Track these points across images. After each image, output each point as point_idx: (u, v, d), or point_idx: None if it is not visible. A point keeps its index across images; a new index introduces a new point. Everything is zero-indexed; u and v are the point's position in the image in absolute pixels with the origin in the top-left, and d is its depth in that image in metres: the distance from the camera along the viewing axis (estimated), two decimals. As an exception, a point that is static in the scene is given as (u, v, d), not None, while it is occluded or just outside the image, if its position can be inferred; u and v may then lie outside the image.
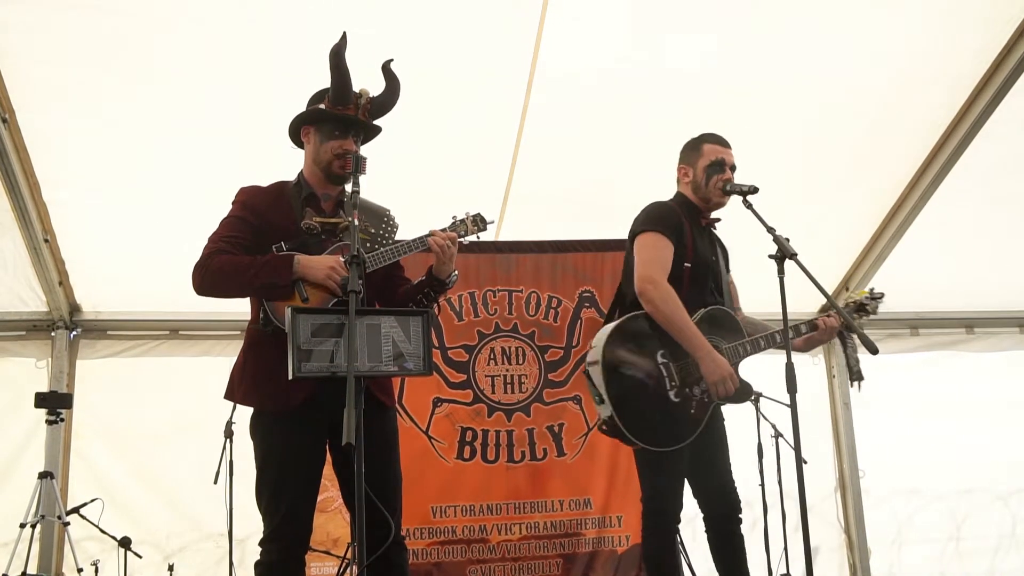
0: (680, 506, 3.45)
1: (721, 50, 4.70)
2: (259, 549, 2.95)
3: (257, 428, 3.04)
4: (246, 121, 4.64)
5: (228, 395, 3.12)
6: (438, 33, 4.44)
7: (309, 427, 2.92)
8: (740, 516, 3.59)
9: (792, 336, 3.54)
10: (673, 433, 3.41)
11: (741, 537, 3.57)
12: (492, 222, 3.27)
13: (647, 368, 3.44)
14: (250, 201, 3.13)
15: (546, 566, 5.21)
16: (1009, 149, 5.29)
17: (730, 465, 3.65)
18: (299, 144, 3.22)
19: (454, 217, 3.20)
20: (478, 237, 3.25)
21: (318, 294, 2.95)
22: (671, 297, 3.43)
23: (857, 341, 3.46)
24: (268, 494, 2.95)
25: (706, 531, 3.58)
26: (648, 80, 4.80)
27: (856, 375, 3.90)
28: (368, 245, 3.03)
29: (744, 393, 3.57)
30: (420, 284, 3.16)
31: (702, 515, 3.61)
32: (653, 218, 3.59)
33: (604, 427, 3.46)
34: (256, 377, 2.95)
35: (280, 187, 3.19)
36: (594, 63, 4.70)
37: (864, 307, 3.88)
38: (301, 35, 4.16)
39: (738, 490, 3.64)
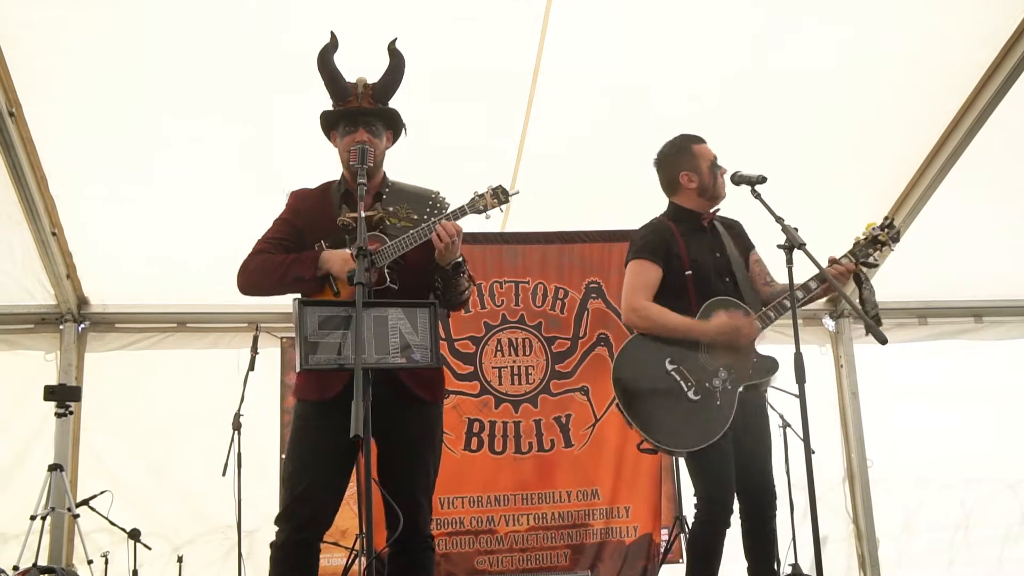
0: (732, 496, 3.45)
1: (728, 38, 4.67)
2: (270, 538, 2.96)
3: (296, 412, 3.10)
4: (254, 113, 4.64)
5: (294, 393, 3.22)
6: (445, 24, 4.42)
7: (340, 417, 2.90)
8: (775, 508, 3.60)
9: (803, 296, 3.56)
10: (705, 429, 3.44)
11: (775, 530, 3.59)
12: (517, 192, 3.20)
13: (659, 380, 3.52)
14: (295, 204, 3.22)
15: (554, 557, 5.23)
16: (1019, 137, 5.25)
17: (770, 460, 3.66)
18: None
19: (475, 192, 3.15)
20: (501, 210, 3.19)
21: (349, 287, 2.94)
22: (652, 310, 3.57)
23: (868, 332, 3.41)
24: (289, 474, 3.00)
25: (741, 522, 3.58)
26: (654, 69, 4.78)
27: (875, 321, 3.65)
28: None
29: (768, 367, 3.59)
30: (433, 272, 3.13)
31: (739, 505, 3.59)
32: (636, 246, 3.72)
33: (644, 447, 3.59)
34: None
35: (326, 187, 3.25)
36: (600, 54, 4.68)
37: (877, 239, 3.68)
38: (312, 27, 4.11)
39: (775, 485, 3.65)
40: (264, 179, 3.27)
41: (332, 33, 3.01)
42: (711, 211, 3.76)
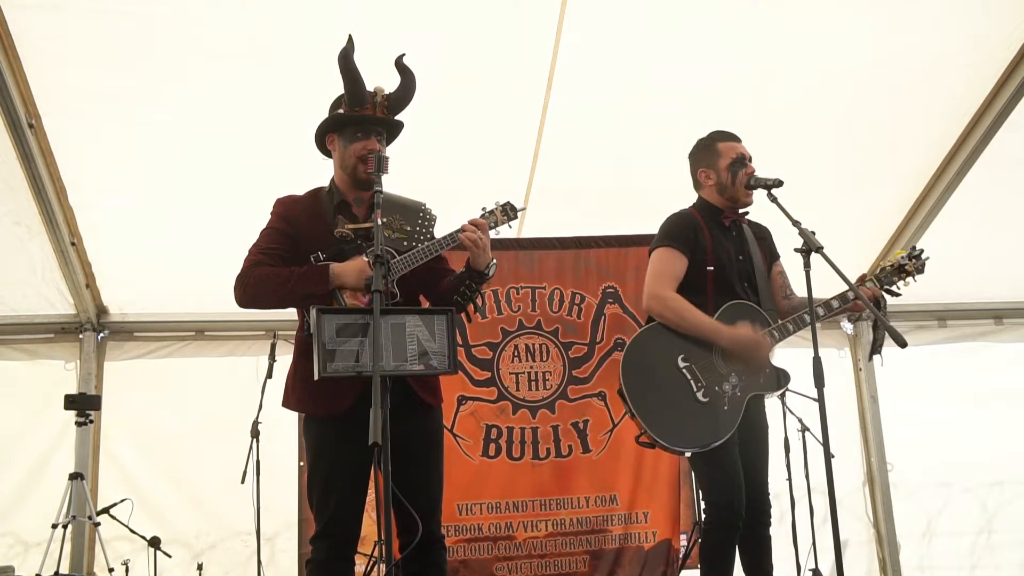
0: (742, 500, 3.42)
1: (744, 41, 4.66)
2: (289, 544, 2.99)
3: (308, 431, 3.09)
4: (271, 123, 4.65)
5: (284, 402, 3.17)
6: (458, 31, 4.43)
7: (356, 429, 2.85)
8: (770, 518, 3.60)
9: (823, 313, 3.58)
10: (708, 432, 3.43)
11: (769, 538, 3.59)
12: (523, 209, 3.24)
13: (670, 375, 3.49)
14: (285, 212, 3.16)
15: (573, 563, 5.21)
16: (1037, 137, 5.23)
17: (767, 468, 3.66)
18: (327, 153, 3.24)
19: (483, 208, 3.18)
20: (510, 227, 3.24)
21: (357, 301, 2.96)
22: (678, 302, 3.52)
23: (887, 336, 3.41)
24: (318, 494, 3.00)
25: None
26: (669, 73, 4.77)
27: (877, 348, 3.71)
28: (405, 243, 3.02)
29: (780, 380, 3.59)
30: (461, 276, 3.14)
31: None
32: (664, 233, 3.68)
33: (642, 440, 3.51)
34: (307, 383, 2.94)
35: (315, 195, 3.21)
36: (615, 56, 4.68)
37: (903, 268, 3.71)
38: (329, 37, 4.14)
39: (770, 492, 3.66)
40: (283, 189, 3.26)
41: (350, 36, 3.01)
42: (738, 213, 3.74)
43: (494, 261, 3.12)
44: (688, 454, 3.52)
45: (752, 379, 3.53)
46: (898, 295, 3.75)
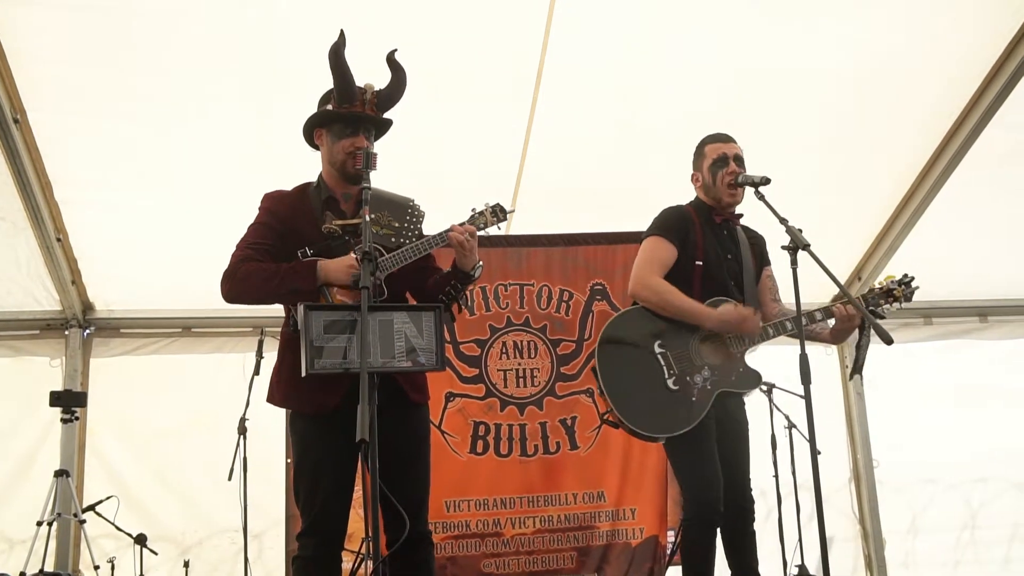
0: (721, 496, 3.45)
1: (731, 40, 4.67)
2: (276, 541, 2.98)
3: (295, 427, 3.09)
4: (257, 120, 4.65)
5: (269, 398, 3.16)
6: (448, 27, 4.43)
7: (343, 426, 2.85)
8: (754, 514, 3.63)
9: (807, 323, 3.58)
10: (673, 420, 3.47)
11: (753, 534, 3.62)
12: (512, 211, 3.26)
13: (643, 359, 3.54)
14: (274, 207, 3.15)
15: (560, 559, 5.22)
16: (1022, 136, 5.25)
17: (749, 464, 3.69)
18: (315, 147, 3.23)
19: (473, 209, 3.18)
20: (499, 228, 3.24)
21: (345, 297, 2.95)
22: (663, 287, 3.57)
23: (873, 333, 3.43)
24: (305, 491, 3.00)
25: (721, 528, 3.58)
26: (658, 72, 4.78)
27: (857, 368, 3.78)
28: (393, 240, 3.02)
29: (752, 380, 3.63)
30: (447, 276, 3.15)
31: None
32: (656, 224, 3.74)
33: (608, 419, 3.58)
34: (292, 380, 2.93)
35: (302, 190, 3.21)
36: (603, 55, 4.69)
37: (891, 292, 3.74)
38: (312, 32, 4.13)
39: (752, 486, 3.68)
40: (270, 185, 3.26)
41: (341, 31, 3.00)
42: (729, 212, 3.78)
43: (480, 263, 3.13)
44: (662, 440, 3.54)
45: (725, 375, 3.58)
46: (882, 317, 3.78)
